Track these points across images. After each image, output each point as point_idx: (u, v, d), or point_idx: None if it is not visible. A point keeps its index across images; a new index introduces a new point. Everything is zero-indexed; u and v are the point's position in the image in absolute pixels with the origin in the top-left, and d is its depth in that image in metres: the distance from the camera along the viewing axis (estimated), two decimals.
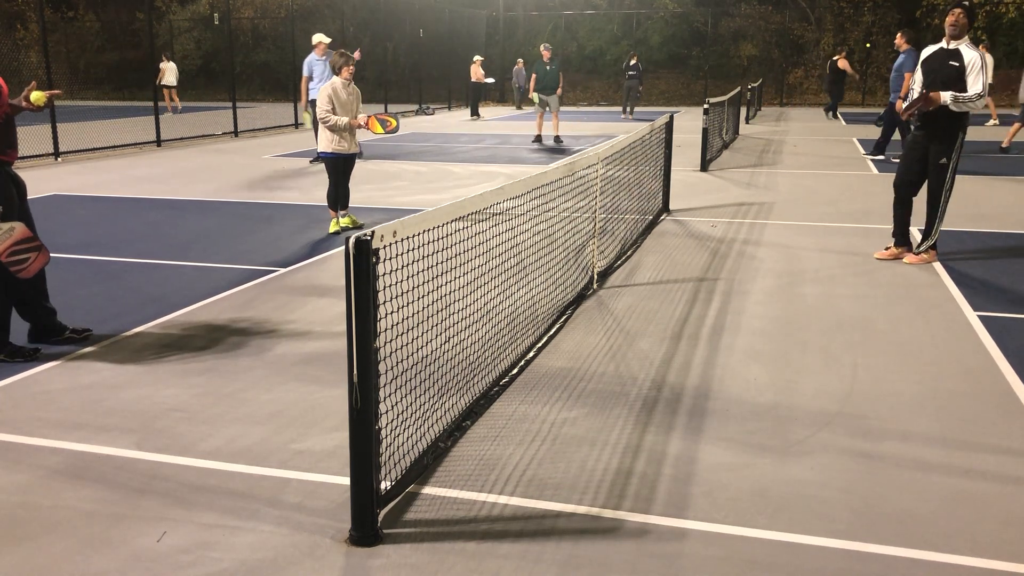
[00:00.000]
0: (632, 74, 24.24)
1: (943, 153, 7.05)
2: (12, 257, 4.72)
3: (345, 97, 8.13)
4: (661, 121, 9.98)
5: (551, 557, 2.98)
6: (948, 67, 6.87)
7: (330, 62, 8.26)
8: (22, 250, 4.77)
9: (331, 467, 3.65)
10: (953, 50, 6.91)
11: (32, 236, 4.85)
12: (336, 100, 8.07)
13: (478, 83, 25.71)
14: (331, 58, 8.26)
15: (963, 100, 6.76)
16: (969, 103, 6.77)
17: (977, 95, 6.75)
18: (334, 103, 8.07)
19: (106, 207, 10.15)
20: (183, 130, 19.62)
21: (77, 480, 3.55)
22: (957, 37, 6.90)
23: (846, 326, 5.58)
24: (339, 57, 8.20)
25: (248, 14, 36.13)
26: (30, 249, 4.81)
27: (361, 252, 2.85)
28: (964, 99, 6.76)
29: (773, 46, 32.94)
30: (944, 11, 31.92)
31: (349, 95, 8.18)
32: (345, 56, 8.16)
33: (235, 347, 5.22)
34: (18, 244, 4.75)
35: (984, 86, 6.76)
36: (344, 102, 8.12)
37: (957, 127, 6.98)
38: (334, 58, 8.21)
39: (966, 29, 6.92)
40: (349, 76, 8.14)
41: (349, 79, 8.16)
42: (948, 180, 7.12)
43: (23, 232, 4.80)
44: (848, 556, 2.99)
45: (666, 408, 4.27)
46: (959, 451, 3.79)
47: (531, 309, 5.62)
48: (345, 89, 8.13)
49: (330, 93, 8.06)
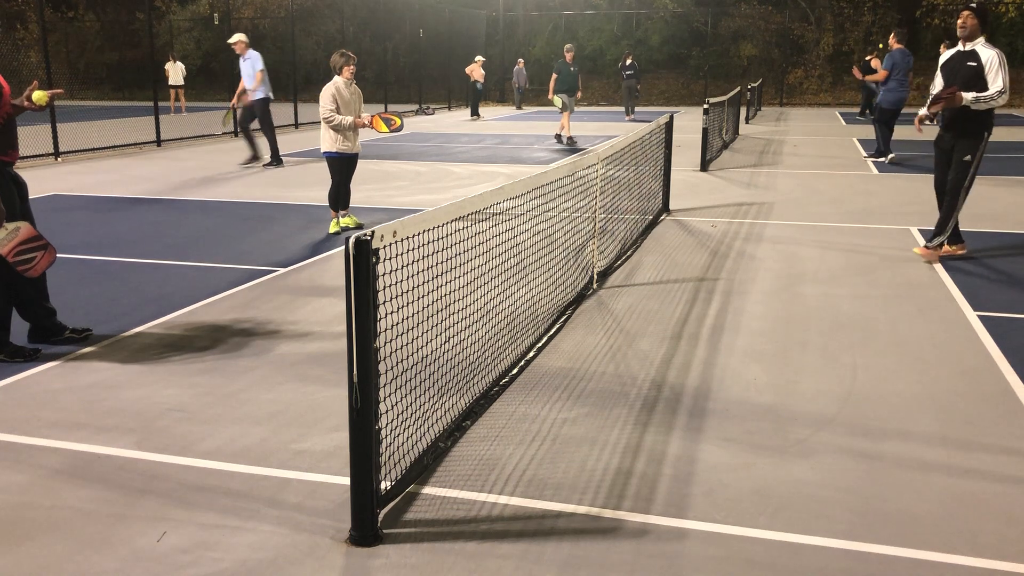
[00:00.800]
0: (630, 73, 24.07)
1: (968, 151, 7.13)
2: (19, 257, 4.73)
3: (348, 96, 8.12)
4: (661, 121, 9.98)
5: (551, 557, 2.98)
6: (966, 68, 6.98)
7: (331, 62, 8.25)
8: (28, 249, 4.77)
9: (331, 467, 3.65)
10: (969, 51, 7.02)
11: (37, 235, 4.86)
12: (339, 99, 8.07)
13: (477, 82, 25.70)
14: (332, 58, 8.25)
15: (985, 99, 6.85)
16: (991, 101, 6.86)
17: (998, 92, 6.84)
18: (337, 103, 8.06)
19: (106, 207, 10.15)
20: (183, 130, 19.61)
21: (77, 480, 3.55)
22: (970, 39, 7.02)
23: (846, 326, 5.58)
24: (339, 57, 8.18)
25: (248, 14, 36.12)
26: (36, 248, 4.82)
27: (361, 252, 2.85)
28: (985, 98, 6.85)
29: (773, 46, 32.95)
30: (944, 11, 31.63)
31: (351, 94, 8.17)
32: (346, 55, 8.16)
33: (235, 347, 5.22)
34: (24, 244, 4.76)
35: (1005, 83, 6.87)
36: (347, 101, 8.11)
37: (982, 127, 7.08)
38: (335, 58, 8.20)
39: (978, 30, 7.01)
40: (350, 75, 8.14)
41: (351, 78, 8.15)
42: (968, 178, 7.19)
43: (28, 231, 4.80)
44: (848, 556, 2.99)
45: (666, 408, 4.27)
46: (959, 451, 3.79)
47: (531, 309, 5.62)
48: (347, 88, 8.13)
49: (333, 92, 8.05)
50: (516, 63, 29.17)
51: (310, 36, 34.22)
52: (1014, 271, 6.99)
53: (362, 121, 8.15)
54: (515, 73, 28.88)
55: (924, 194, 10.91)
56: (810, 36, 32.87)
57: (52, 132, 14.84)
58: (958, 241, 7.46)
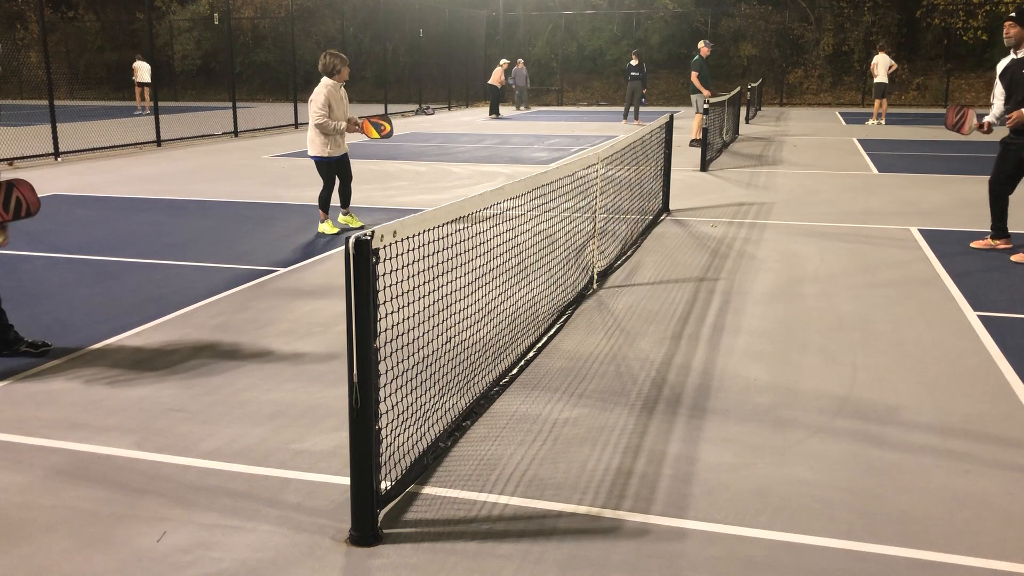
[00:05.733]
0: (635, 75, 21.89)
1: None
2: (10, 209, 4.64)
3: (339, 99, 8.10)
4: (661, 121, 9.98)
5: (551, 557, 2.98)
6: (1022, 76, 7.23)
7: (324, 64, 8.06)
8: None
9: (331, 467, 3.65)
10: (1022, 59, 7.25)
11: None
12: (333, 102, 8.02)
13: (498, 86, 25.64)
14: (325, 59, 8.11)
15: None
16: None
17: None
18: (330, 106, 8.02)
19: (106, 207, 10.15)
20: (183, 130, 19.61)
21: (77, 480, 3.55)
22: (1018, 47, 7.26)
23: (846, 326, 5.58)
24: (334, 59, 8.05)
25: (248, 14, 36.12)
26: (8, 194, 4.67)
27: (361, 252, 2.85)
28: None
29: (773, 46, 32.93)
30: (944, 10, 31.62)
31: (342, 97, 8.15)
32: (341, 58, 8.08)
33: (235, 347, 5.22)
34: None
35: None
36: (338, 104, 8.08)
37: None
38: (330, 60, 8.03)
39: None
40: (346, 78, 8.11)
41: (345, 81, 8.12)
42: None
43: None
44: (848, 556, 2.99)
45: (666, 408, 4.27)
46: (959, 451, 3.79)
47: (531, 309, 5.62)
48: (338, 91, 8.09)
49: (327, 94, 8.00)
50: (516, 63, 28.81)
51: (310, 36, 34.20)
52: (1014, 271, 6.99)
53: (355, 127, 8.13)
54: (515, 74, 28.61)
55: (924, 194, 10.92)
56: (810, 36, 32.85)
57: (52, 132, 14.83)
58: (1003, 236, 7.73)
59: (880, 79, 21.30)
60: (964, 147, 16.30)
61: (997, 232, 7.73)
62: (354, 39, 33.44)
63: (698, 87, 16.28)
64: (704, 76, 16.46)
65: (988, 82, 26.21)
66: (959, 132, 7.70)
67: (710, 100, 14.68)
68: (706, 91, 16.13)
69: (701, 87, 16.24)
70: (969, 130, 7.67)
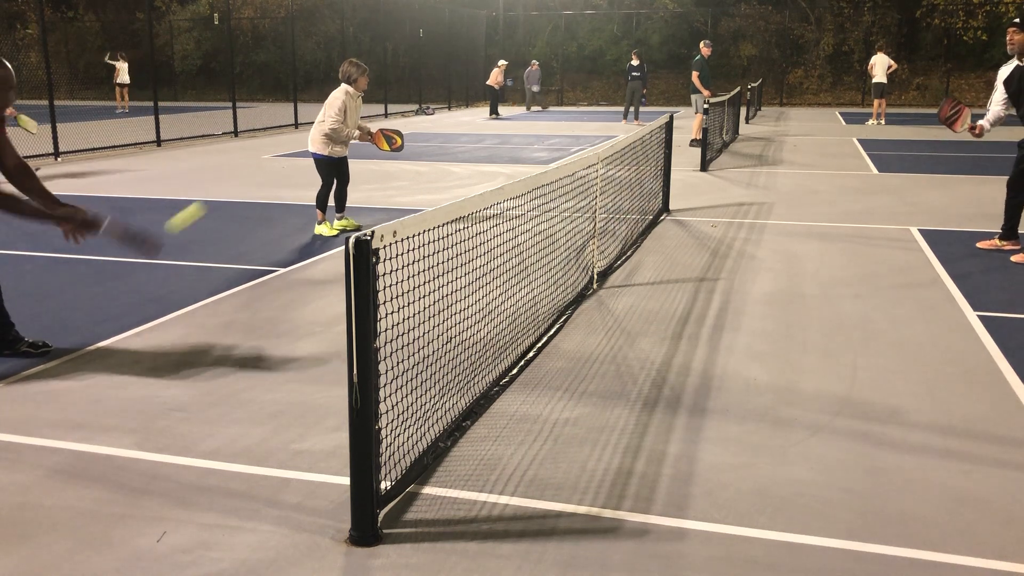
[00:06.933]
0: (635, 75, 21.83)
1: None
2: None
3: (354, 107, 8.08)
4: (661, 121, 9.98)
5: (551, 557, 2.98)
6: None
7: (343, 71, 8.03)
8: None
9: (331, 467, 3.65)
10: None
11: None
12: (348, 109, 8.00)
13: (496, 87, 25.63)
14: (344, 67, 8.06)
15: None
16: None
17: None
18: (345, 112, 8.00)
19: (106, 207, 10.15)
20: (183, 130, 19.61)
21: (77, 480, 3.55)
22: (1022, 55, 7.28)
23: (846, 326, 5.58)
24: (354, 68, 8.00)
25: (248, 14, 36.12)
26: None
27: (361, 252, 2.85)
28: None
29: (773, 46, 32.94)
30: (944, 10, 31.66)
31: (358, 106, 8.14)
32: (361, 67, 8.03)
33: (235, 347, 5.22)
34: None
35: None
36: (352, 111, 8.07)
37: None
38: (349, 68, 8.00)
39: None
40: (365, 87, 8.06)
41: (364, 90, 8.09)
42: None
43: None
44: (848, 556, 2.99)
45: (666, 408, 4.27)
46: (959, 451, 3.79)
47: (531, 309, 5.62)
48: (355, 100, 8.07)
49: (344, 101, 7.97)
50: (531, 64, 28.72)
51: (310, 36, 34.21)
52: (1014, 271, 6.99)
53: (367, 137, 8.11)
54: (527, 75, 28.51)
55: (924, 194, 10.92)
56: (810, 36, 32.86)
57: (52, 132, 14.83)
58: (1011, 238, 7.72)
59: (878, 79, 21.32)
60: (964, 147, 16.31)
61: (1006, 233, 7.70)
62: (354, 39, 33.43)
63: (699, 87, 16.29)
64: (705, 76, 16.45)
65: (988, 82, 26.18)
66: (950, 128, 7.62)
67: (710, 100, 14.69)
68: (706, 91, 16.13)
69: (701, 87, 16.23)
70: (961, 128, 7.61)
